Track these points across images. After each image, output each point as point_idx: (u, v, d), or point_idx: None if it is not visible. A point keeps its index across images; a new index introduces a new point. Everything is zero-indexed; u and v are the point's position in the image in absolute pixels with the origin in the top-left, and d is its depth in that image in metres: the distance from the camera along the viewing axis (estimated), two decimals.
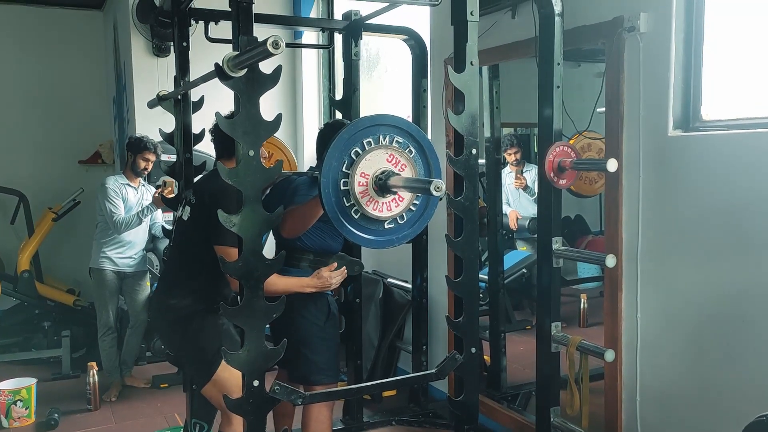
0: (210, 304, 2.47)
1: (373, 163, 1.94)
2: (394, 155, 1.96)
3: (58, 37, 5.92)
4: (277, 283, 2.44)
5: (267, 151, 3.67)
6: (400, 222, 2.04)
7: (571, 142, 3.61)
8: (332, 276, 2.59)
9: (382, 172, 1.94)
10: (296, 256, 2.66)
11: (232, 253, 2.05)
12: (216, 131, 2.65)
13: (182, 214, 2.67)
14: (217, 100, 2.39)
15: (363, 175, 1.93)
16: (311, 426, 2.70)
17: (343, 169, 1.92)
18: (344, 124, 2.76)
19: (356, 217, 1.95)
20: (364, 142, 1.93)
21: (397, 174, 1.96)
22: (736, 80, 2.46)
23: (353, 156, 1.92)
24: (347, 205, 1.94)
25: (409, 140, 1.99)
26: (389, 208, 2.00)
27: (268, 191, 2.85)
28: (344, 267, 2.61)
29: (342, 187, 1.92)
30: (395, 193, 1.99)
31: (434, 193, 1.75)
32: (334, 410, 2.75)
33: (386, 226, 2.02)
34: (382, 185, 1.94)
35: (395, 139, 1.97)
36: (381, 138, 1.95)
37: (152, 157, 4.10)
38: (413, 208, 2.06)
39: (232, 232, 1.85)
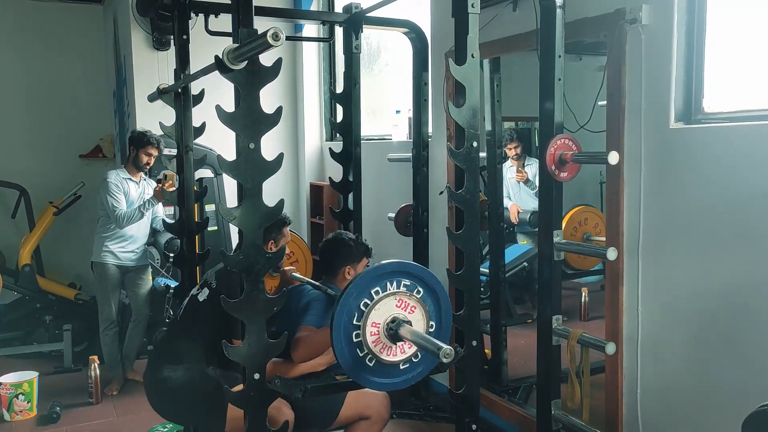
0: (202, 370, 2.48)
1: (382, 311, 1.92)
2: (403, 300, 1.95)
3: (58, 31, 5.90)
4: (297, 370, 2.49)
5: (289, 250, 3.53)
6: (414, 360, 2.02)
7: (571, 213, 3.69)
8: None
9: (393, 320, 1.92)
10: None
11: None
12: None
13: (198, 294, 2.65)
14: (217, 94, 2.38)
15: (374, 324, 1.91)
16: None
17: (354, 322, 1.90)
18: (342, 240, 2.78)
19: (371, 365, 1.94)
20: (372, 292, 1.91)
21: (407, 321, 1.94)
22: (738, 72, 2.45)
23: (363, 308, 1.90)
24: (361, 355, 1.92)
25: (416, 281, 1.98)
26: (403, 350, 1.98)
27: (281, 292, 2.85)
28: None
29: (354, 339, 1.91)
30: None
31: (444, 360, 1.73)
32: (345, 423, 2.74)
33: (401, 368, 2.00)
34: (394, 335, 1.93)
35: (402, 282, 1.95)
36: (388, 285, 1.93)
37: (155, 152, 4.10)
38: None
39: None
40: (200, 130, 2.96)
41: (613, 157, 2.27)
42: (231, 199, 4.42)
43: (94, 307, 4.54)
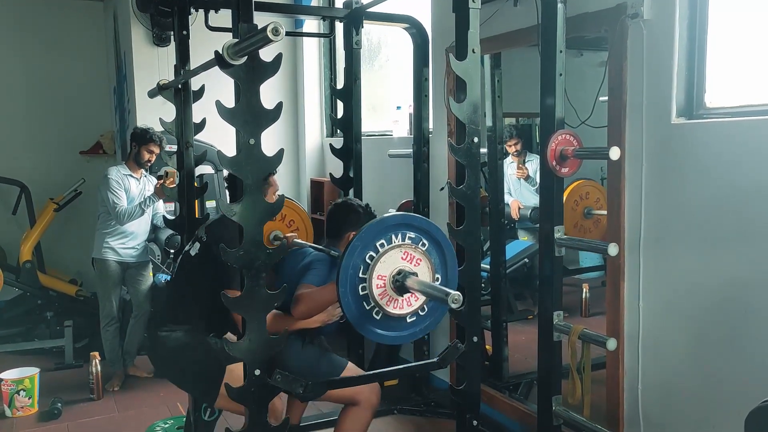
0: (201, 337, 2.48)
1: (388, 264, 1.94)
2: (409, 252, 1.97)
3: (58, 28, 5.89)
4: (287, 324, 2.47)
5: (282, 213, 3.56)
6: (421, 314, 2.03)
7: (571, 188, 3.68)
8: (334, 307, 2.56)
9: (398, 273, 1.95)
10: None
11: None
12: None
13: (190, 250, 2.66)
14: (217, 89, 2.37)
15: (380, 277, 1.94)
16: (346, 422, 2.66)
17: (360, 275, 1.92)
18: (351, 206, 2.78)
19: (378, 318, 1.96)
20: (377, 244, 1.93)
21: (413, 273, 1.95)
22: (741, 67, 2.44)
23: (368, 260, 1.92)
24: (368, 308, 1.94)
25: (421, 234, 1.99)
26: (409, 303, 2.00)
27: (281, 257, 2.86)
28: None
29: (360, 292, 1.92)
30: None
31: (452, 305, 1.75)
32: (335, 402, 2.74)
33: (408, 321, 2.02)
34: (400, 287, 1.94)
35: (407, 235, 1.96)
36: (393, 237, 1.95)
37: (157, 150, 4.10)
38: None
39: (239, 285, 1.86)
40: (200, 126, 2.96)
41: (615, 153, 2.26)
42: None
43: (95, 304, 4.55)
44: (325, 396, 2.62)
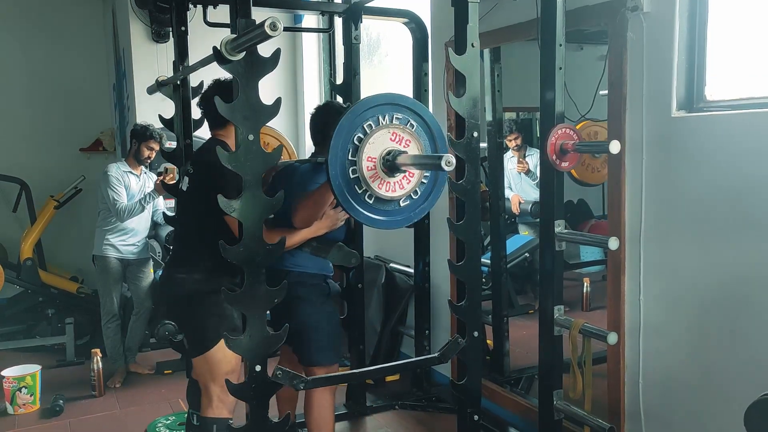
0: (216, 285, 2.46)
1: (377, 145, 1.93)
2: (397, 133, 1.96)
3: (57, 25, 5.89)
4: (294, 238, 2.47)
5: (263, 142, 3.65)
6: (414, 197, 2.03)
7: (577, 128, 3.64)
8: (337, 212, 2.55)
9: (388, 153, 1.94)
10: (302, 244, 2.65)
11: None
12: (204, 102, 2.62)
13: (182, 186, 2.66)
14: None
15: (370, 159, 1.92)
16: (314, 410, 2.71)
17: (349, 157, 1.91)
18: (334, 106, 2.75)
19: (370, 201, 1.95)
20: (365, 126, 1.92)
21: (403, 151, 1.95)
22: (741, 59, 2.43)
23: (356, 142, 1.91)
24: (360, 191, 1.93)
25: (409, 114, 1.98)
26: (401, 186, 1.99)
27: (270, 179, 2.84)
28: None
29: (351, 175, 1.91)
30: (405, 170, 1.98)
31: (445, 168, 1.74)
32: (337, 396, 2.76)
33: (402, 204, 2.02)
34: (391, 165, 1.93)
35: (395, 116, 1.96)
36: (380, 118, 1.94)
37: (156, 147, 4.09)
38: (425, 181, 2.05)
39: (236, 191, 1.84)
40: (199, 122, 2.95)
41: (615, 146, 2.26)
42: None
43: (96, 301, 4.55)
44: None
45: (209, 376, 2.46)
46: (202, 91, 2.69)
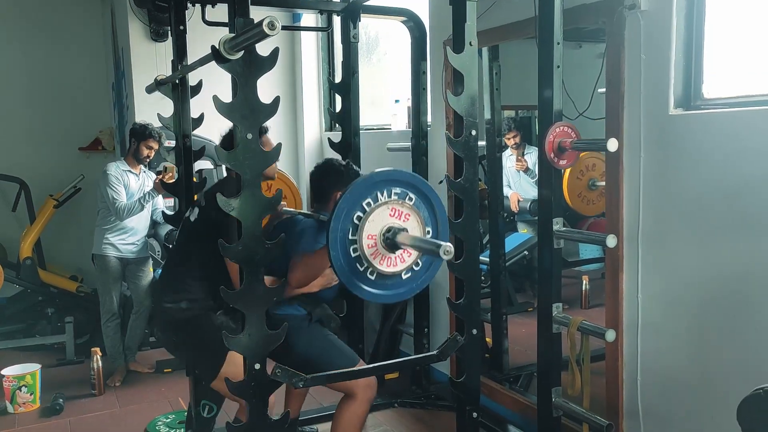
0: (206, 308, 2.48)
1: (377, 222, 1.93)
2: (396, 208, 1.95)
3: (56, 24, 5.87)
4: (292, 291, 2.49)
5: (268, 184, 3.65)
6: (416, 269, 2.02)
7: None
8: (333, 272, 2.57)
9: (388, 230, 1.93)
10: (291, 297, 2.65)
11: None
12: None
13: (190, 215, 2.67)
14: (215, 84, 2.37)
15: (370, 236, 1.92)
16: (345, 415, 2.65)
17: (349, 237, 1.91)
18: (333, 166, 2.76)
19: (372, 278, 1.95)
20: (364, 204, 1.92)
21: (403, 229, 1.94)
22: (738, 57, 2.43)
23: (356, 221, 1.91)
24: (361, 269, 1.93)
25: (407, 188, 1.98)
26: (402, 259, 1.99)
27: (272, 227, 2.86)
28: None
29: (352, 254, 1.91)
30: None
31: (444, 257, 1.74)
32: (336, 394, 2.75)
33: (404, 277, 2.01)
34: (391, 243, 1.93)
35: (393, 191, 1.95)
36: (379, 195, 1.93)
37: (156, 146, 4.10)
38: None
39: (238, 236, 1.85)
40: (199, 121, 2.95)
41: (612, 144, 2.26)
42: None
43: (95, 300, 4.55)
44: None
45: None
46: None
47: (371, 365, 2.48)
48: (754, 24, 2.36)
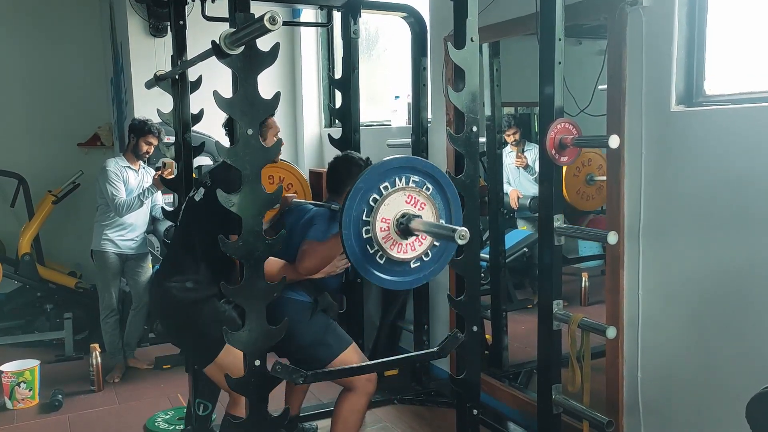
0: (210, 292, 2.46)
1: (392, 207, 1.92)
2: (413, 196, 1.95)
3: (55, 19, 5.85)
4: (290, 275, 2.46)
5: (279, 176, 3.70)
6: (425, 259, 2.02)
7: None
8: (339, 260, 2.57)
9: (403, 216, 1.93)
10: (296, 282, 2.65)
11: None
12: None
13: (194, 195, 2.65)
14: (215, 80, 2.37)
15: (384, 220, 1.92)
16: (344, 408, 2.66)
17: (364, 218, 1.90)
18: (354, 159, 2.76)
19: (381, 262, 1.94)
20: (381, 187, 1.91)
21: (418, 216, 1.94)
22: (740, 54, 2.43)
23: (372, 203, 1.90)
24: (371, 252, 1.92)
25: (425, 178, 1.98)
26: (413, 248, 1.98)
27: (278, 216, 2.85)
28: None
29: (364, 236, 1.91)
30: (418, 234, 1.97)
31: (459, 242, 1.73)
32: (335, 390, 2.75)
33: (412, 266, 2.01)
34: (405, 229, 1.92)
35: (411, 178, 1.95)
36: (397, 180, 1.93)
37: (155, 141, 4.08)
38: (437, 244, 2.03)
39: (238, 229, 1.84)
40: (198, 117, 2.94)
41: (614, 141, 2.26)
42: None
43: (94, 296, 4.55)
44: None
45: (224, 379, 2.46)
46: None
47: (371, 361, 2.48)
48: (756, 20, 2.35)
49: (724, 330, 2.29)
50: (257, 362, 1.90)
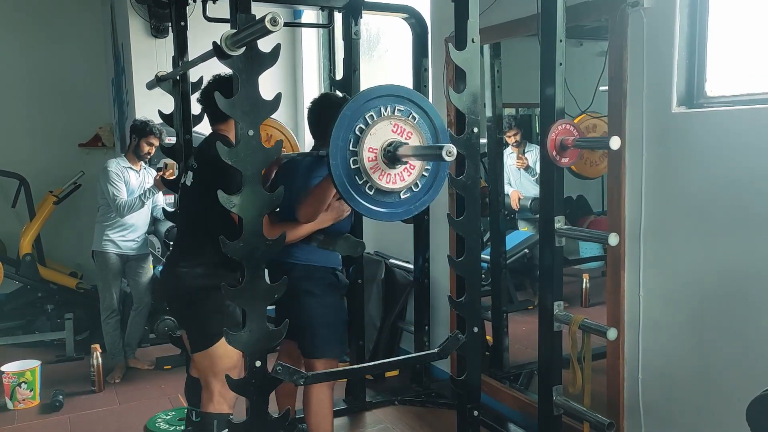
0: (218, 280, 2.46)
1: (378, 136, 1.93)
2: (399, 124, 1.95)
3: (56, 20, 5.87)
4: (299, 231, 2.51)
5: (266, 134, 3.69)
6: (415, 190, 2.03)
7: (575, 121, 3.61)
8: (342, 203, 2.56)
9: (390, 144, 1.93)
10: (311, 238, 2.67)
11: None
12: (204, 97, 2.64)
13: (185, 180, 2.66)
14: None
15: (371, 150, 1.92)
16: (312, 405, 2.72)
17: (350, 148, 1.91)
18: (331, 98, 2.75)
19: (371, 193, 1.95)
20: (367, 116, 1.92)
21: (405, 143, 1.94)
22: (742, 55, 2.43)
23: (358, 132, 1.91)
24: (360, 182, 1.93)
25: (411, 106, 1.98)
26: (402, 178, 1.99)
27: (273, 174, 2.84)
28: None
29: (352, 166, 1.91)
30: (406, 162, 1.98)
31: (446, 158, 1.74)
32: (336, 391, 2.76)
33: (402, 197, 2.02)
34: (392, 156, 1.93)
35: (396, 108, 1.96)
36: (383, 110, 1.94)
37: (156, 142, 4.09)
38: (426, 174, 2.04)
39: (238, 186, 1.85)
40: (199, 118, 2.94)
41: (615, 142, 2.26)
42: None
43: (95, 296, 4.55)
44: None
45: (210, 372, 2.47)
46: (202, 87, 2.69)
47: (372, 363, 2.48)
48: (757, 21, 2.35)
49: (725, 331, 2.28)
50: (258, 363, 1.90)
